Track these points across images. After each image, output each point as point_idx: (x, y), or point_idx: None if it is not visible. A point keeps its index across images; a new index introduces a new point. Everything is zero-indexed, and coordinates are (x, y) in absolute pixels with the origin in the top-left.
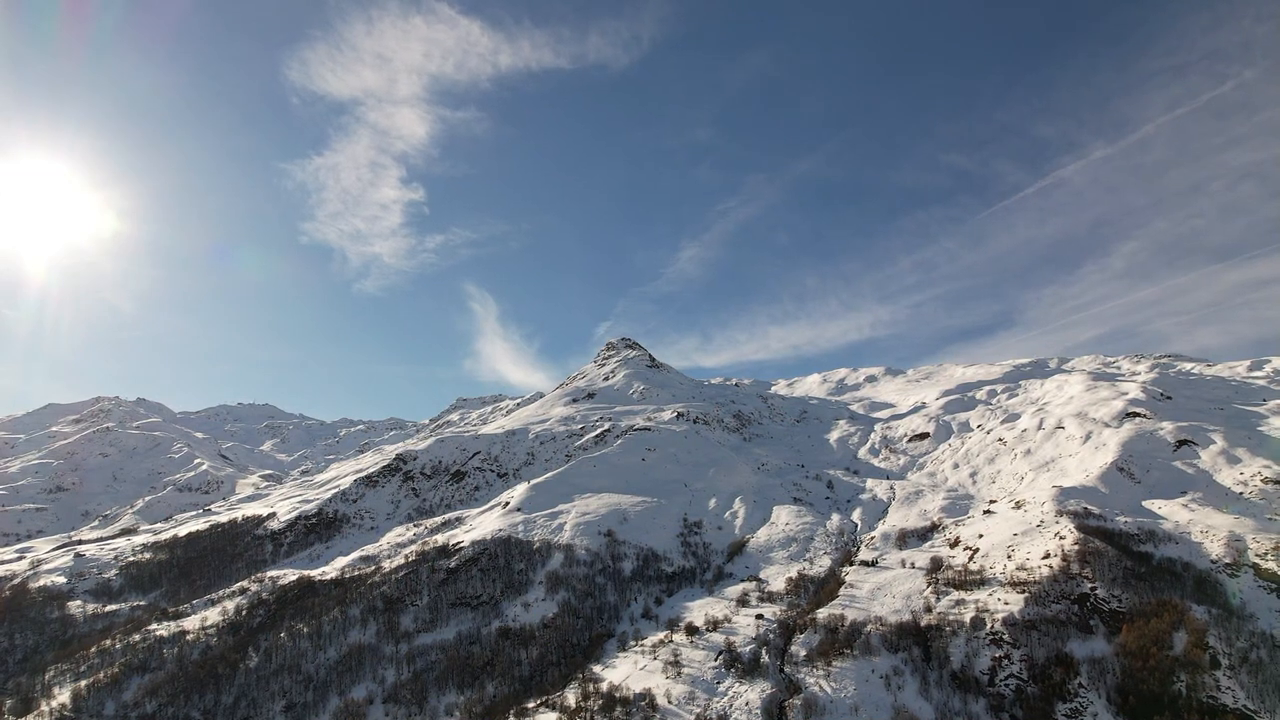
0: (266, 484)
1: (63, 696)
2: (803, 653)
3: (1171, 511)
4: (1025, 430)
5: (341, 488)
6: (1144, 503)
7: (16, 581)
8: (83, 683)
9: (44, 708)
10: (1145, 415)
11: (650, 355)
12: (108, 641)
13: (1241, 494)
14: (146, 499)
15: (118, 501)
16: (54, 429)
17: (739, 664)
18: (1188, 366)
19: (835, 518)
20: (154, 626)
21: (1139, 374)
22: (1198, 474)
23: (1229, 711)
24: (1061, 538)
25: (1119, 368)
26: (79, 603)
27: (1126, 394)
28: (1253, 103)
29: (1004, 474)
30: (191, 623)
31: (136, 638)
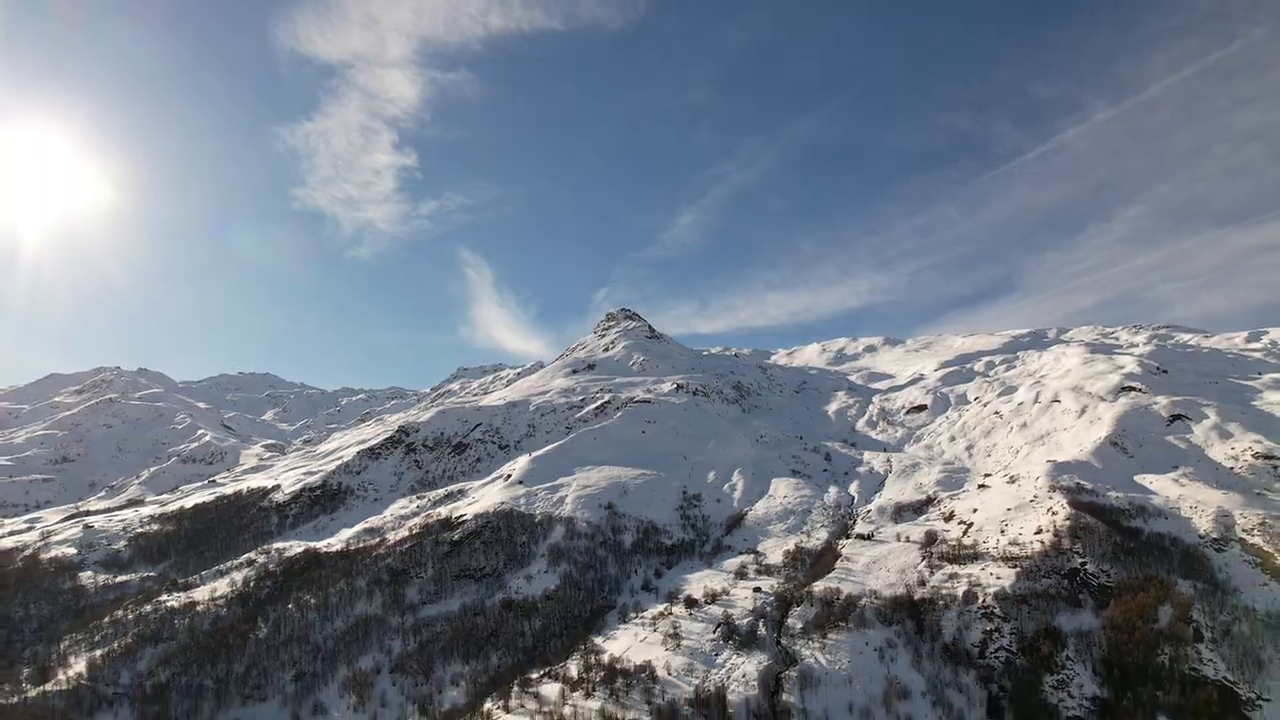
0: (270, 454)
1: (78, 665)
2: (799, 625)
3: (1162, 486)
4: (1022, 404)
5: (344, 459)
6: (1136, 477)
7: (28, 552)
8: (97, 652)
9: (60, 676)
10: (1140, 389)
11: (650, 326)
12: (120, 612)
13: (1232, 469)
14: (151, 470)
15: (123, 472)
16: (56, 399)
17: (737, 636)
18: (1186, 338)
19: (833, 490)
20: (164, 597)
21: (1137, 345)
22: (1190, 449)
23: (1210, 683)
24: (1054, 513)
25: (1117, 339)
26: (90, 574)
27: (1123, 368)
28: (1260, 62)
29: (1000, 447)
30: (201, 594)
31: (148, 608)
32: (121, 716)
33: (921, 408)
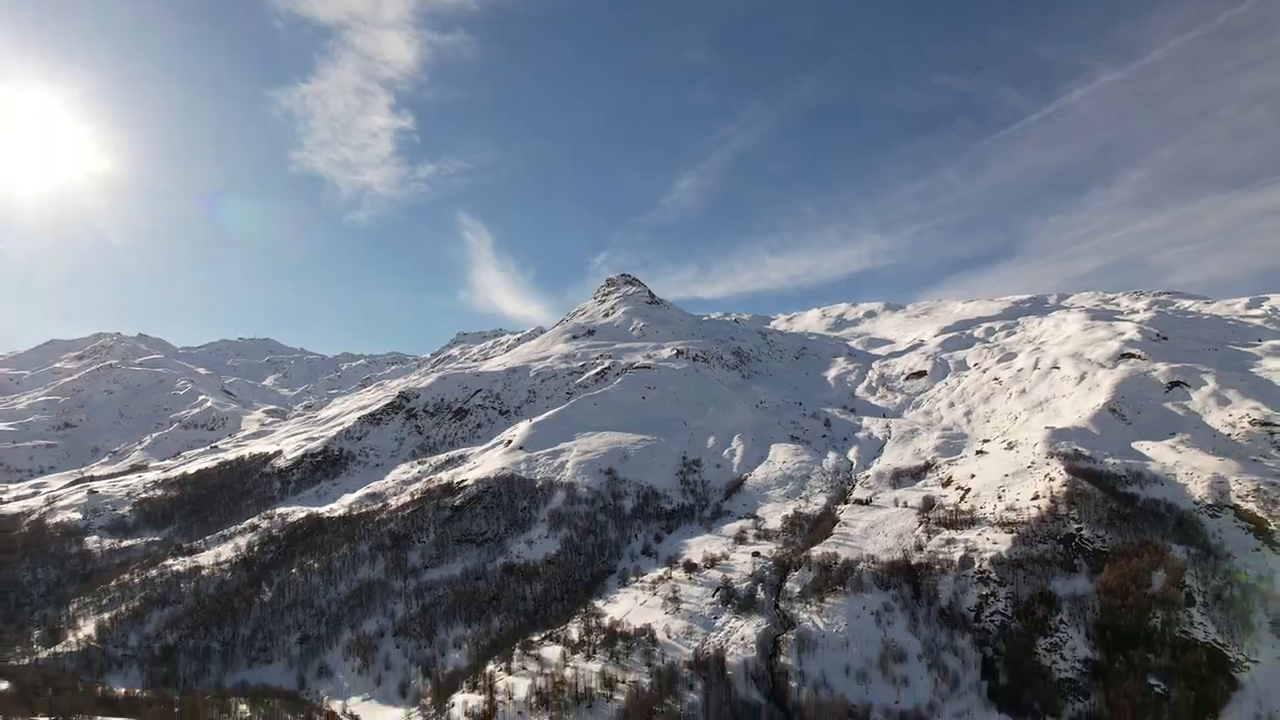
0: (271, 420)
1: (87, 628)
2: (797, 589)
3: (1159, 453)
4: (1021, 370)
5: (345, 425)
6: (1134, 444)
7: (34, 517)
8: (106, 615)
9: (70, 638)
10: (1140, 356)
11: (650, 291)
12: (126, 576)
13: (1229, 435)
14: (154, 435)
15: (125, 438)
16: (57, 365)
17: (735, 600)
18: (1187, 304)
19: (831, 456)
20: (170, 562)
21: (1137, 312)
22: (1188, 415)
23: (1200, 645)
24: (1051, 479)
25: (1118, 305)
26: (96, 538)
27: (1123, 334)
28: (1269, 21)
29: (999, 414)
30: (206, 558)
31: (154, 572)
32: (131, 677)
33: (921, 374)
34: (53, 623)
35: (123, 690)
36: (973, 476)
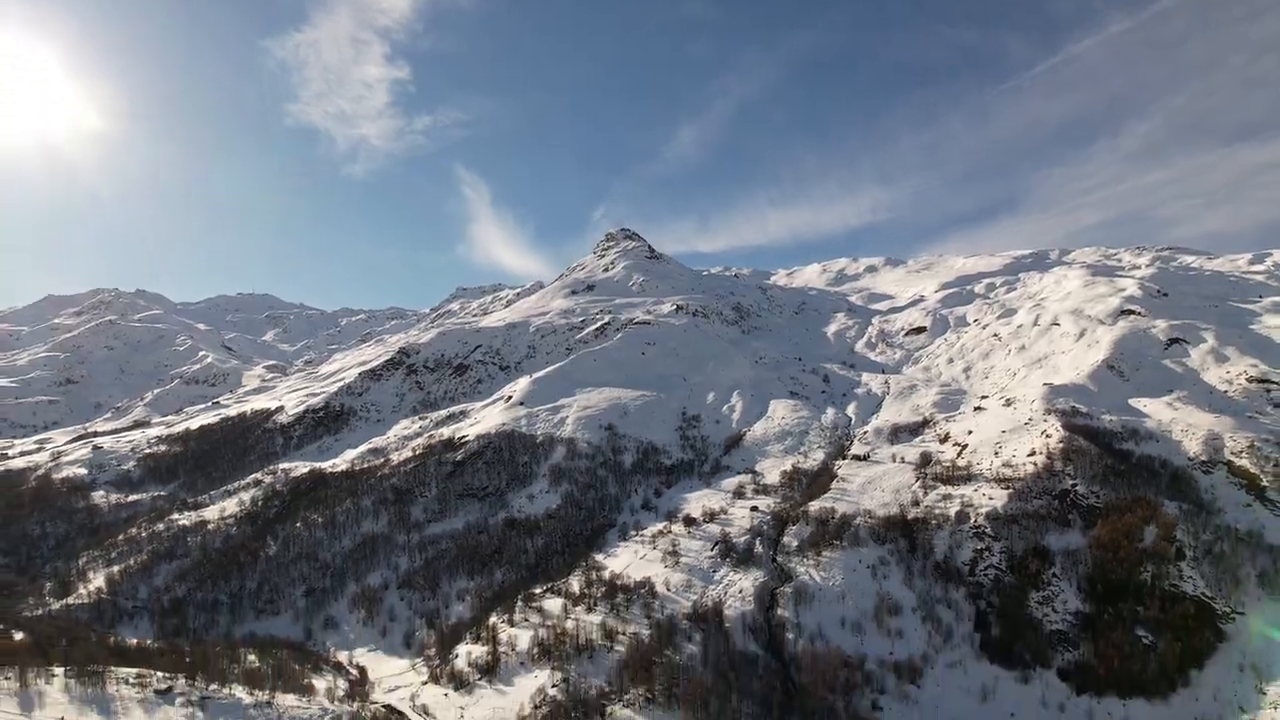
0: (271, 376)
1: (98, 580)
2: (794, 543)
3: (1156, 410)
4: (1021, 326)
5: (346, 381)
6: (1131, 401)
7: (40, 473)
8: (115, 568)
9: (81, 590)
10: (1140, 313)
11: (649, 246)
12: (133, 530)
13: (1226, 393)
14: (155, 392)
15: (126, 394)
16: (56, 321)
17: (734, 554)
18: (1189, 260)
19: (830, 411)
20: (176, 516)
21: (1139, 268)
22: (1186, 372)
23: (1188, 598)
24: (1047, 435)
25: (1120, 260)
26: (102, 493)
27: (1123, 290)
28: None
29: (997, 370)
30: (211, 513)
31: (160, 527)
32: (142, 629)
33: (920, 329)
34: (63, 575)
35: (134, 641)
36: (970, 433)
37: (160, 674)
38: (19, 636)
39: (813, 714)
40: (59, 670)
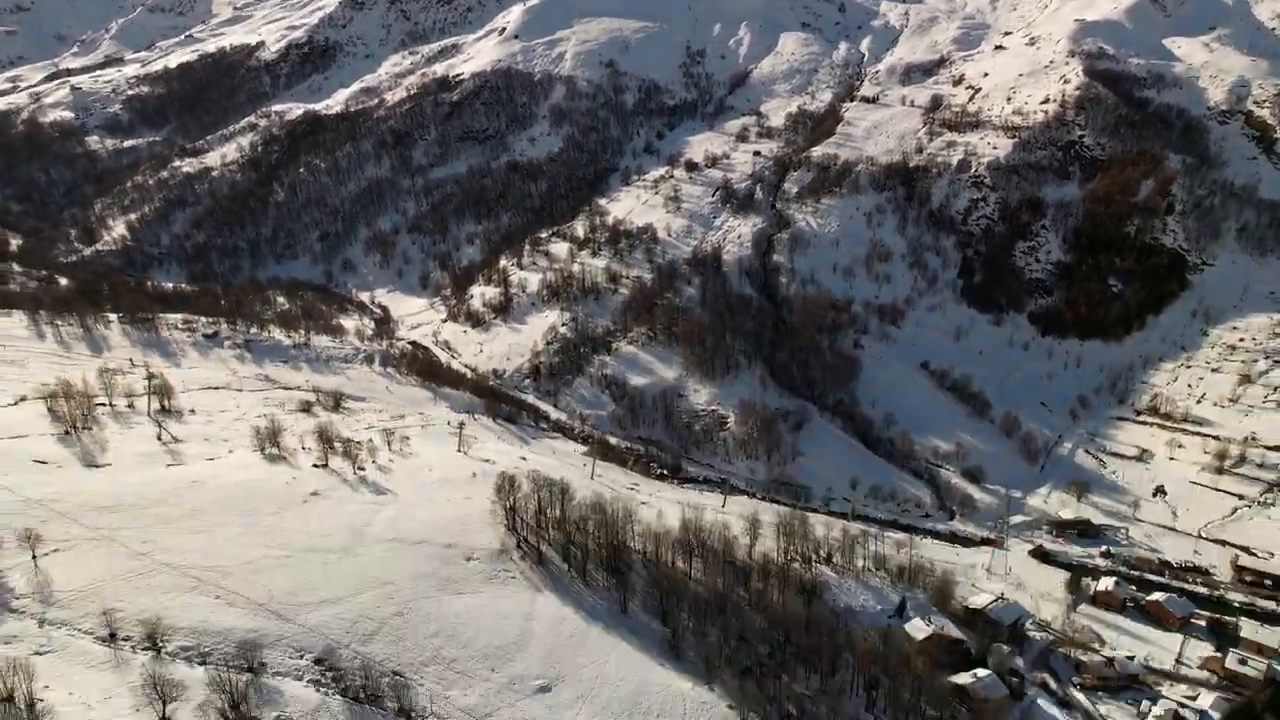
0: (244, 2)
1: (118, 228)
2: (794, 190)
3: (1189, 51)
4: None
5: (328, 10)
6: (1165, 41)
7: (25, 116)
8: (132, 215)
9: (107, 238)
10: None
11: None
12: (139, 178)
13: (1274, 29)
14: (119, 22)
15: (84, 22)
16: None
17: (734, 200)
18: None
19: (843, 47)
20: (178, 163)
21: None
22: (1235, 5)
23: (1165, 250)
24: (1065, 81)
25: None
26: (95, 138)
27: None
28: None
29: (1027, 1)
30: (212, 159)
31: (165, 174)
32: (171, 274)
33: None
34: (84, 223)
35: (170, 285)
36: (985, 75)
37: (204, 319)
38: (65, 282)
39: (800, 350)
40: (113, 316)
